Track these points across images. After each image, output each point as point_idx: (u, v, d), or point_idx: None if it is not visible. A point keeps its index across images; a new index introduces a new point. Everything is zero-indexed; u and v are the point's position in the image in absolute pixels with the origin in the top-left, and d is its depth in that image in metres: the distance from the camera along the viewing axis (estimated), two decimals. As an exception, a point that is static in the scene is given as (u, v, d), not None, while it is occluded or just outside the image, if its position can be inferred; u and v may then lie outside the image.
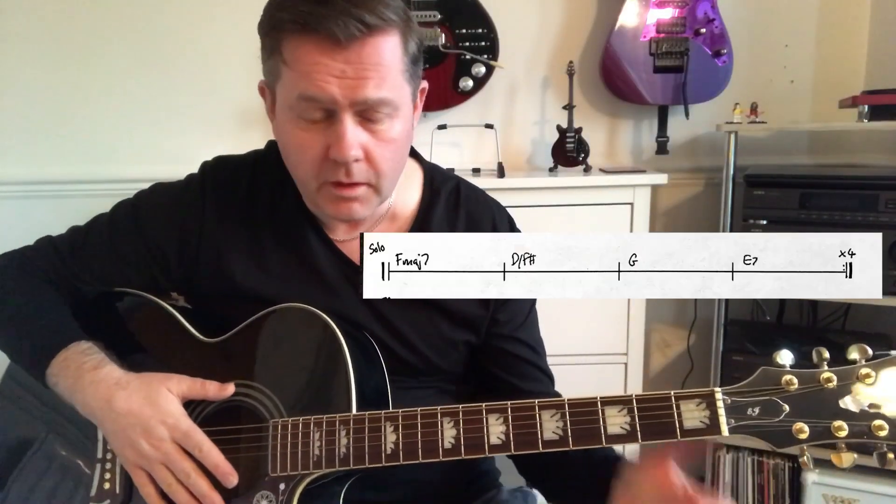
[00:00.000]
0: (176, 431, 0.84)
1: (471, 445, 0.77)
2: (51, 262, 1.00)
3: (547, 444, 0.75)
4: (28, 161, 2.19)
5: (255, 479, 0.85)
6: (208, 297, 0.98)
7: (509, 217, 1.05)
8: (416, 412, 0.80)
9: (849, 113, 1.84)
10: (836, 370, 0.70)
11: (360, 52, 0.79)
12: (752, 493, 1.95)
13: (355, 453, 0.80)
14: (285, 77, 0.83)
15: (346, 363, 0.85)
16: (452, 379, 1.03)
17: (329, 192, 0.87)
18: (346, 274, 0.96)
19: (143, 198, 1.02)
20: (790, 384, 0.70)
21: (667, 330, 2.31)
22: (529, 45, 2.15)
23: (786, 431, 0.70)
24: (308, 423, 0.83)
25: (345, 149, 0.82)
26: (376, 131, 0.84)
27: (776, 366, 0.72)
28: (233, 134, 2.18)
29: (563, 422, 0.75)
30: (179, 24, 2.13)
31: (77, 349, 0.90)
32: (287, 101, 0.84)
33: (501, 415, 0.77)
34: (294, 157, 0.88)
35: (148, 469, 0.85)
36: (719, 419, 0.71)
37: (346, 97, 0.80)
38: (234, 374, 0.91)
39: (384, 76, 0.81)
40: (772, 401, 0.71)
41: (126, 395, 0.85)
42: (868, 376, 0.69)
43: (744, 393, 0.72)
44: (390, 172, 0.88)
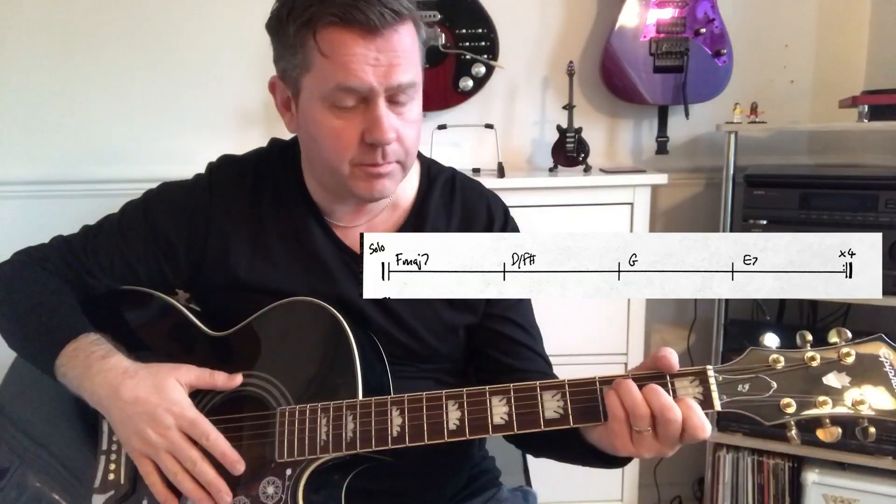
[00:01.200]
0: (182, 420, 0.85)
1: (475, 426, 0.79)
2: (64, 260, 1.03)
3: (548, 422, 0.78)
4: (29, 161, 2.19)
5: (261, 465, 0.86)
6: (215, 289, 1.00)
7: (504, 207, 1.08)
8: (422, 396, 0.82)
9: (849, 113, 1.85)
10: (819, 349, 0.75)
11: (390, 40, 0.84)
12: (752, 493, 1.95)
13: (362, 437, 0.82)
14: (320, 68, 0.86)
15: (352, 355, 0.87)
16: (451, 368, 1.04)
17: (362, 173, 0.91)
18: (346, 262, 0.99)
19: (153, 195, 1.05)
20: (777, 363, 0.74)
21: (667, 330, 2.31)
22: (529, 45, 2.16)
23: (774, 406, 0.74)
24: (315, 409, 0.85)
25: (384, 132, 0.86)
26: (402, 113, 0.89)
27: (763, 347, 0.76)
28: (234, 134, 2.18)
29: (564, 401, 0.78)
30: (181, 25, 2.13)
31: (86, 340, 0.92)
32: (321, 92, 0.87)
33: (504, 396, 0.80)
34: (329, 143, 0.90)
35: (154, 458, 0.86)
36: (712, 394, 0.74)
37: (381, 83, 0.85)
38: (241, 365, 0.92)
39: (410, 60, 0.87)
40: (760, 378, 0.75)
41: (133, 384, 0.86)
42: (848, 355, 0.73)
43: (734, 371, 0.75)
44: (414, 150, 0.94)
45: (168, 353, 0.97)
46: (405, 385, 0.93)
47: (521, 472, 1.29)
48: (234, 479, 0.86)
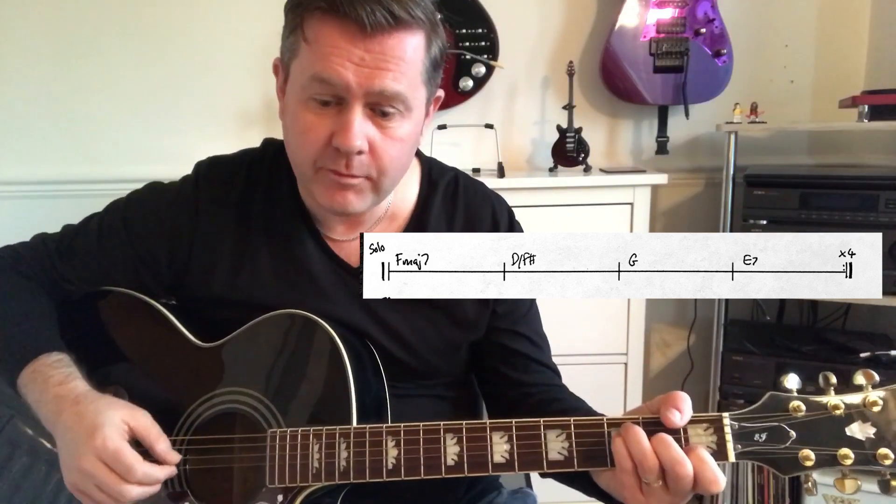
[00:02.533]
0: (104, 453, 0.78)
1: (474, 463, 0.76)
2: (41, 263, 0.98)
3: (552, 464, 0.74)
4: (27, 161, 2.19)
5: (252, 488, 0.84)
6: (199, 299, 0.96)
7: (509, 209, 1.03)
8: (419, 427, 0.78)
9: (849, 113, 1.85)
10: (844, 398, 0.70)
11: (384, 43, 0.78)
12: (752, 493, 1.95)
13: (356, 467, 0.78)
14: (303, 55, 0.82)
15: (346, 373, 0.83)
16: (451, 384, 1.02)
17: (325, 178, 0.85)
18: (341, 277, 0.94)
19: (135, 200, 1.00)
20: (797, 410, 0.70)
21: (667, 330, 2.31)
22: (529, 45, 2.16)
23: (792, 458, 0.70)
24: (307, 435, 0.81)
25: (350, 139, 0.80)
26: (385, 127, 0.83)
27: (783, 390, 0.72)
28: (233, 133, 2.18)
29: (569, 442, 0.74)
30: (179, 24, 2.14)
31: (46, 361, 0.88)
32: (300, 80, 0.82)
33: (506, 433, 0.76)
34: (296, 138, 0.85)
35: (84, 491, 0.81)
36: (726, 445, 0.71)
37: (361, 86, 0.79)
38: (229, 380, 0.89)
39: (403, 72, 0.80)
40: (779, 427, 0.70)
41: (75, 412, 0.81)
42: (875, 404, 0.69)
43: (751, 418, 0.71)
44: (392, 171, 0.86)
45: (154, 363, 0.94)
46: (404, 403, 0.90)
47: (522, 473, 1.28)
48: (226, 498, 0.84)
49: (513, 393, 0.97)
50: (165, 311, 0.96)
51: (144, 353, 0.97)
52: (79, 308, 0.99)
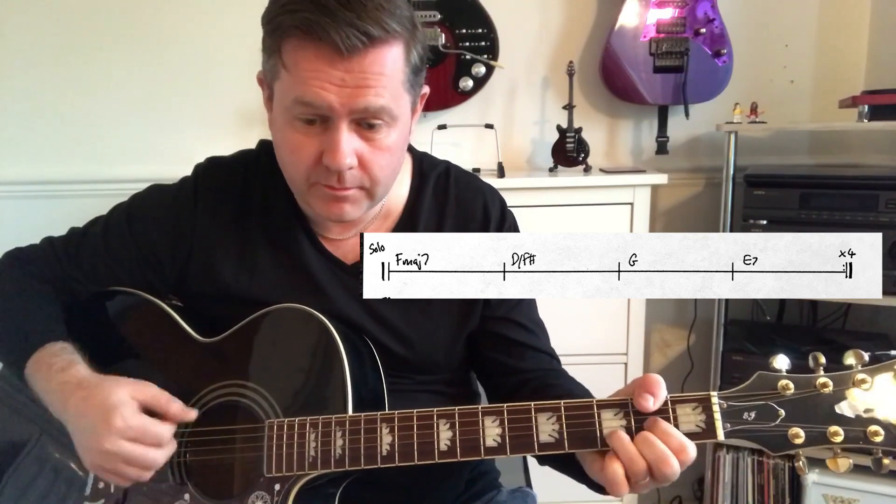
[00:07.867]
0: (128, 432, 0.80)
1: (467, 448, 0.77)
2: (48, 264, 1.01)
3: (543, 446, 0.75)
4: (27, 161, 2.19)
5: (250, 479, 0.85)
6: (200, 298, 0.98)
7: (501, 200, 1.03)
8: (412, 413, 0.79)
9: (849, 113, 1.84)
10: (832, 375, 0.70)
11: (362, 62, 0.79)
12: (752, 493, 1.95)
13: (351, 454, 0.80)
14: (283, 79, 0.83)
15: (342, 365, 0.85)
16: (450, 381, 1.02)
17: (320, 192, 0.87)
18: (337, 275, 0.96)
19: (137, 201, 1.02)
20: (786, 389, 0.70)
21: (667, 330, 2.31)
22: (529, 45, 2.16)
23: (781, 436, 0.70)
24: (304, 424, 0.82)
25: (339, 158, 0.81)
26: (372, 139, 0.84)
27: (772, 370, 0.72)
28: (233, 134, 2.18)
29: (559, 424, 0.75)
30: (179, 24, 2.13)
31: (49, 351, 0.89)
32: (283, 103, 0.84)
33: (497, 417, 0.77)
34: (287, 156, 0.87)
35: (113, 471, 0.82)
36: (715, 423, 0.71)
37: (345, 105, 0.80)
38: (229, 373, 0.91)
39: (385, 86, 0.81)
40: (768, 405, 0.70)
41: (82, 396, 0.83)
42: (864, 381, 0.69)
43: (740, 397, 0.71)
44: (384, 179, 0.88)
45: (156, 358, 0.95)
46: (402, 399, 0.91)
47: (522, 471, 1.28)
48: (223, 490, 0.85)
49: (511, 380, 0.98)
50: (168, 308, 0.99)
51: (147, 348, 0.99)
52: (84, 307, 1.01)
